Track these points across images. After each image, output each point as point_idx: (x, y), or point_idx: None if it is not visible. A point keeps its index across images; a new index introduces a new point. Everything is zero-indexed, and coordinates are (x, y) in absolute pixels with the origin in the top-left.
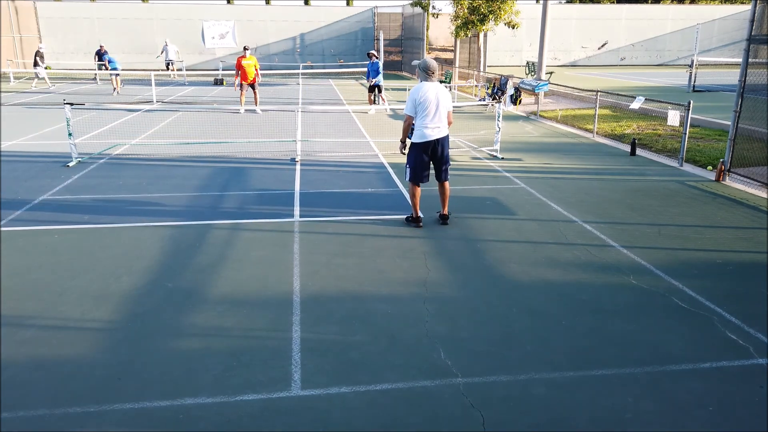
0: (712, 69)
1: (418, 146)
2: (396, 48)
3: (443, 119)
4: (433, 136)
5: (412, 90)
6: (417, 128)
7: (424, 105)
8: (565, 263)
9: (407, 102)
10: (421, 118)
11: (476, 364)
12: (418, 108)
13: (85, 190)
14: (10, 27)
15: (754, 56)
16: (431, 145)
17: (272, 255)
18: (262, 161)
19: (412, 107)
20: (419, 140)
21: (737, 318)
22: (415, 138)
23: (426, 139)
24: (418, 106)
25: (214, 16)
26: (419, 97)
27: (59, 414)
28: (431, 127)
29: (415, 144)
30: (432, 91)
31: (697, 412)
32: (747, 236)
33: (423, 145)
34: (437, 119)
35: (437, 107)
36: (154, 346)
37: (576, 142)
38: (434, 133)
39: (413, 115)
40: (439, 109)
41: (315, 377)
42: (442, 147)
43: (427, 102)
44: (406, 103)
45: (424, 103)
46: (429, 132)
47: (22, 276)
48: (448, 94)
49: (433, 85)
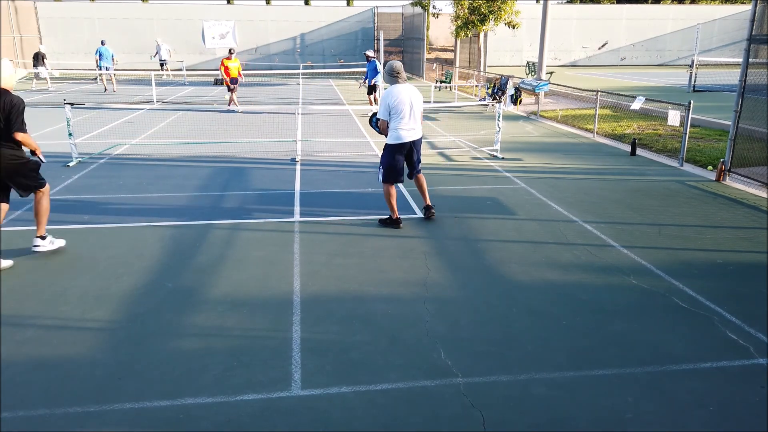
0: (712, 69)
1: (394, 148)
2: (396, 48)
3: (418, 120)
4: (409, 138)
5: (385, 94)
6: (392, 130)
7: (398, 108)
8: (566, 263)
9: (380, 106)
10: (396, 120)
11: (476, 364)
12: (392, 111)
13: (85, 190)
14: (10, 27)
15: (754, 56)
16: (407, 147)
17: (272, 255)
18: (262, 161)
19: (386, 111)
20: (395, 142)
21: (737, 318)
22: (391, 140)
23: (402, 140)
24: (392, 109)
25: (215, 16)
26: (393, 100)
27: (59, 414)
28: (407, 129)
29: (391, 146)
30: (405, 94)
31: (697, 412)
32: (747, 236)
33: (399, 147)
34: (412, 121)
35: (411, 109)
36: (154, 346)
37: (576, 142)
38: (410, 134)
39: (387, 118)
40: (413, 111)
41: (315, 377)
42: (417, 148)
43: (402, 104)
44: (379, 107)
45: (398, 106)
46: (405, 134)
47: (22, 276)
48: (420, 95)
49: (404, 87)
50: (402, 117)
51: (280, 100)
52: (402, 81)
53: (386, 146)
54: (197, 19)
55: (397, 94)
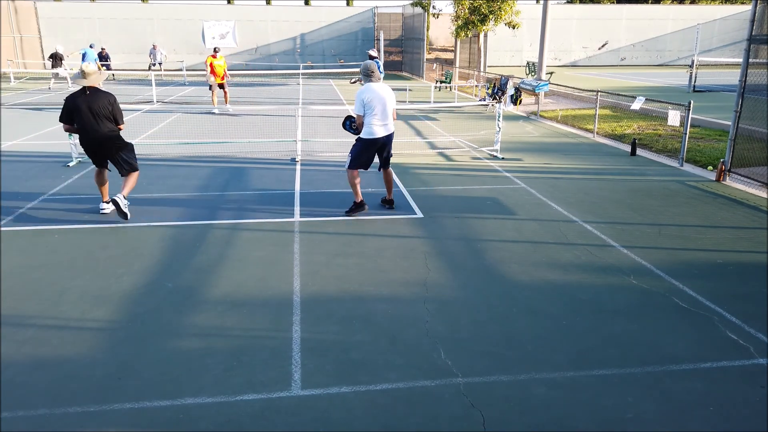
0: (712, 69)
1: (367, 142)
2: (396, 48)
3: (390, 117)
4: (382, 134)
5: (359, 91)
6: (366, 125)
7: (371, 105)
8: (566, 263)
9: (356, 102)
10: (370, 116)
11: (476, 364)
12: (366, 108)
13: (85, 190)
14: (10, 27)
15: (754, 56)
16: (380, 142)
17: (272, 255)
18: (262, 161)
19: (360, 107)
20: (368, 137)
21: (738, 318)
22: (365, 135)
23: (375, 136)
24: (366, 105)
25: (215, 16)
26: (366, 97)
27: (59, 414)
28: (380, 125)
29: (364, 140)
30: (378, 91)
31: (698, 412)
32: (747, 236)
33: (372, 142)
34: (385, 117)
35: (384, 106)
36: (154, 346)
37: (576, 142)
38: (382, 130)
39: (362, 114)
40: (386, 108)
41: (315, 377)
42: (389, 143)
43: (375, 101)
44: (355, 103)
45: (372, 103)
46: (378, 129)
47: (22, 276)
48: (393, 93)
49: (378, 85)
50: (375, 113)
51: (280, 100)
52: (376, 80)
53: (360, 140)
54: (197, 19)
55: (372, 91)
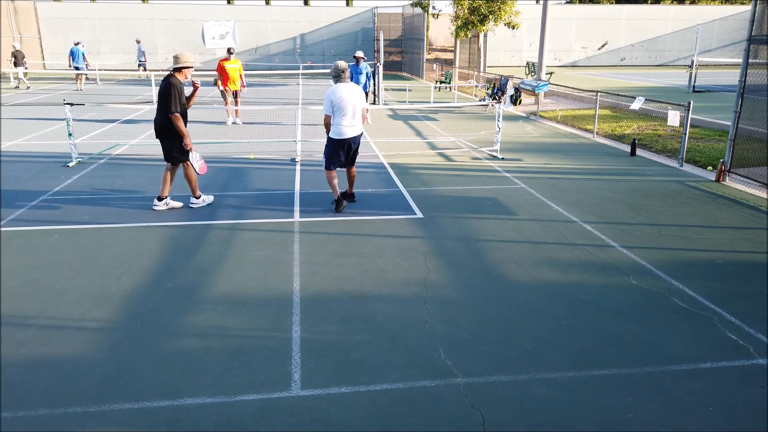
0: (712, 69)
1: (335, 142)
2: (396, 48)
3: (358, 118)
4: (349, 134)
5: (328, 92)
6: (335, 125)
7: (340, 105)
8: (566, 263)
9: (324, 103)
10: (338, 117)
11: (476, 364)
12: (335, 108)
13: (85, 190)
14: (10, 27)
15: (754, 56)
16: (347, 142)
17: (272, 255)
18: (262, 161)
19: (329, 107)
20: (336, 137)
21: (737, 318)
22: (333, 134)
23: (342, 136)
24: (335, 106)
25: (214, 16)
26: (336, 98)
27: (59, 414)
28: (347, 125)
29: (333, 139)
30: (347, 92)
31: (698, 412)
32: (747, 236)
33: (339, 142)
34: (353, 118)
35: (354, 107)
36: (154, 346)
37: (576, 143)
38: (350, 131)
39: (331, 114)
40: (355, 109)
41: (315, 377)
42: (357, 143)
43: (343, 102)
44: (324, 103)
45: (340, 103)
46: (345, 130)
47: (22, 276)
48: (362, 94)
49: (347, 86)
50: (344, 114)
51: (280, 101)
52: (345, 80)
53: (329, 140)
54: (197, 19)
55: (341, 93)
